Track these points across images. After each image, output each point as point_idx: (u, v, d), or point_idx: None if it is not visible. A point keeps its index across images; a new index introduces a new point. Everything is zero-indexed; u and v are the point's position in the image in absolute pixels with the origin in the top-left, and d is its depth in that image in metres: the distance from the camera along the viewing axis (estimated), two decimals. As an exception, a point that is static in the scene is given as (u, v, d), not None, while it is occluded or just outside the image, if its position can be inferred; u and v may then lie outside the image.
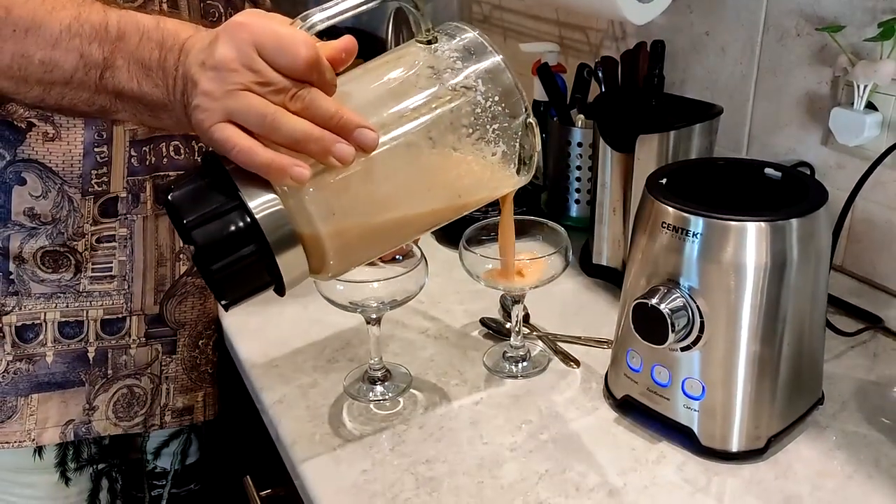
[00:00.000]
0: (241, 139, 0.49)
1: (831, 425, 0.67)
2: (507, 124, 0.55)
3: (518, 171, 0.57)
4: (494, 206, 1.05)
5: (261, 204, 0.50)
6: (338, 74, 0.52)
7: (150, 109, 0.56)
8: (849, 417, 0.68)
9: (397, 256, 0.76)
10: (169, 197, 0.51)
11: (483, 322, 0.83)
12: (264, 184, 0.50)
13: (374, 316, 0.71)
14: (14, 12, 0.55)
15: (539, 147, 0.57)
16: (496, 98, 0.54)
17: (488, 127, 0.54)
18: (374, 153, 0.51)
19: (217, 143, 0.50)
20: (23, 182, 0.74)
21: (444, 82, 0.54)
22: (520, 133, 0.55)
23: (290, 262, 0.51)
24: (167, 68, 0.53)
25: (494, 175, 0.56)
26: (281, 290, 0.53)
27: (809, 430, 0.66)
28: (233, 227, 0.50)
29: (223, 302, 0.52)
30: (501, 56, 0.55)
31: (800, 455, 0.64)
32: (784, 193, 0.65)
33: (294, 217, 0.51)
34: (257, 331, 0.84)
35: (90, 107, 0.57)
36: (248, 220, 0.50)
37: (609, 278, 0.91)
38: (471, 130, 0.54)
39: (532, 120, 0.56)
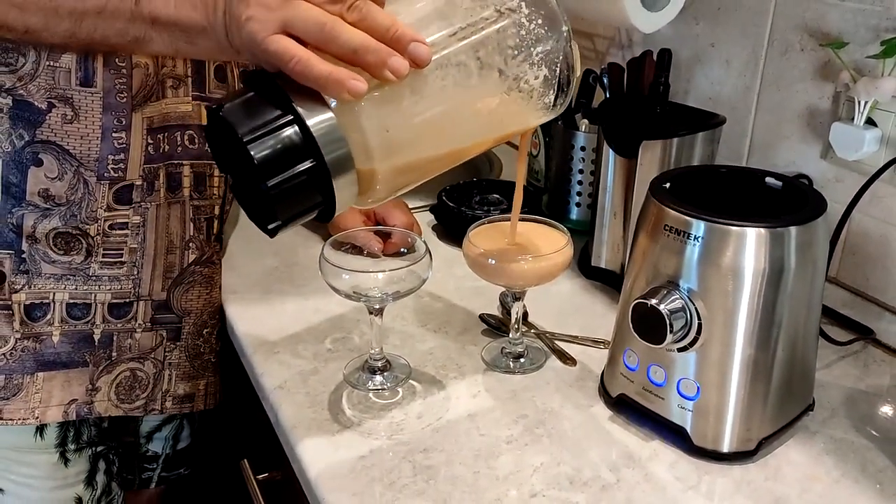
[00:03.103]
0: (300, 50, 0.49)
1: (820, 431, 0.69)
2: (549, 48, 0.55)
3: (555, 101, 0.57)
4: (496, 205, 1.07)
5: (318, 121, 0.49)
6: None
7: (188, 35, 0.55)
8: (837, 424, 0.70)
9: (402, 249, 0.78)
10: (221, 111, 0.49)
11: (482, 318, 0.85)
12: (319, 100, 0.49)
13: (376, 306, 0.72)
14: None
15: (579, 72, 0.58)
16: (539, 21, 0.54)
17: (532, 49, 0.54)
18: (425, 70, 0.51)
19: (273, 55, 0.49)
20: (39, 163, 0.74)
21: (489, 4, 0.54)
22: (561, 58, 0.55)
23: (343, 181, 0.51)
24: None
25: (534, 102, 0.57)
26: (330, 213, 0.53)
27: (799, 434, 0.68)
28: (291, 142, 0.48)
29: (272, 225, 0.50)
30: None
31: (789, 458, 0.65)
32: (784, 202, 0.66)
33: (348, 135, 0.50)
34: (258, 317, 0.85)
35: (123, 37, 0.56)
36: (306, 135, 0.48)
37: (607, 281, 0.93)
38: (516, 52, 0.54)
39: (574, 45, 0.56)
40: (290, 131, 0.48)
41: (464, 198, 1.07)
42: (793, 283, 0.61)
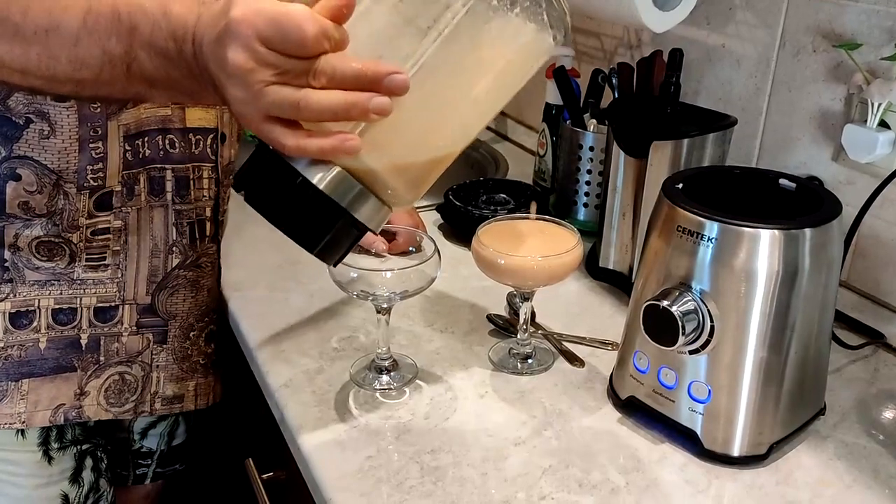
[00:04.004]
0: (287, 138, 0.51)
1: (832, 435, 0.68)
2: (528, 3, 0.54)
3: (555, 39, 0.57)
4: (503, 204, 1.07)
5: (326, 180, 0.53)
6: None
7: (187, 94, 0.56)
8: (849, 429, 0.69)
9: (410, 248, 0.77)
10: (245, 197, 0.55)
11: (490, 318, 0.84)
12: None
13: (384, 305, 0.71)
14: (31, 13, 0.54)
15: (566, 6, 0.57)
16: None
17: (513, 9, 0.54)
18: (411, 79, 0.51)
19: (268, 142, 0.53)
20: (17, 178, 0.73)
21: None
22: (545, 4, 0.55)
23: (368, 212, 0.56)
24: (187, 59, 0.53)
25: (534, 40, 0.56)
26: (372, 232, 0.58)
27: (810, 438, 0.67)
28: (320, 210, 0.54)
29: (331, 264, 0.58)
30: None
31: (800, 463, 0.65)
32: (797, 204, 0.66)
33: (358, 174, 0.54)
34: (263, 315, 0.84)
35: (126, 95, 0.57)
36: (321, 197, 0.53)
37: (615, 282, 0.92)
38: (492, 13, 0.53)
39: None
40: (319, 203, 0.54)
41: (470, 197, 1.07)
42: (807, 285, 0.61)
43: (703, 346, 0.62)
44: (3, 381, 0.78)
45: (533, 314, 0.83)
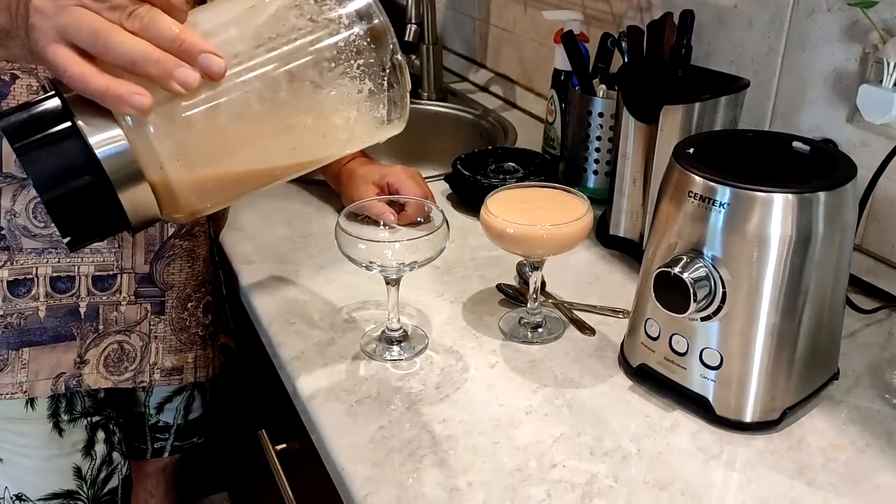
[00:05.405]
0: (74, 64, 0.46)
1: (845, 400, 0.68)
2: (372, 60, 0.52)
3: (389, 116, 0.54)
4: (512, 173, 1.06)
5: (103, 139, 0.46)
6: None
7: None
8: (862, 393, 0.69)
9: (419, 219, 0.77)
10: (2, 122, 0.47)
11: (500, 288, 0.84)
12: (109, 116, 0.47)
13: (394, 276, 0.71)
14: None
15: (409, 87, 0.54)
16: (361, 32, 0.51)
17: (352, 62, 0.51)
18: (225, 85, 0.48)
19: (50, 66, 0.47)
20: None
21: (304, 13, 0.51)
22: (387, 71, 0.52)
23: (136, 200, 0.48)
24: None
25: (362, 117, 0.53)
26: (129, 229, 0.50)
27: (824, 403, 0.67)
28: (67, 157, 0.46)
29: (66, 239, 0.49)
30: None
31: (814, 428, 0.64)
32: (811, 167, 0.64)
33: (139, 154, 0.47)
34: (274, 288, 0.84)
35: None
36: (85, 150, 0.46)
37: (626, 250, 0.91)
38: (333, 64, 0.51)
39: (400, 57, 0.52)
40: (68, 145, 0.46)
41: (479, 166, 1.06)
42: (820, 249, 0.60)
43: (715, 313, 0.61)
44: (3, 350, 0.79)
45: (543, 283, 0.83)
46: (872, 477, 0.60)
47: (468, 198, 1.01)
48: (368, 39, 0.51)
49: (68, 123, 0.46)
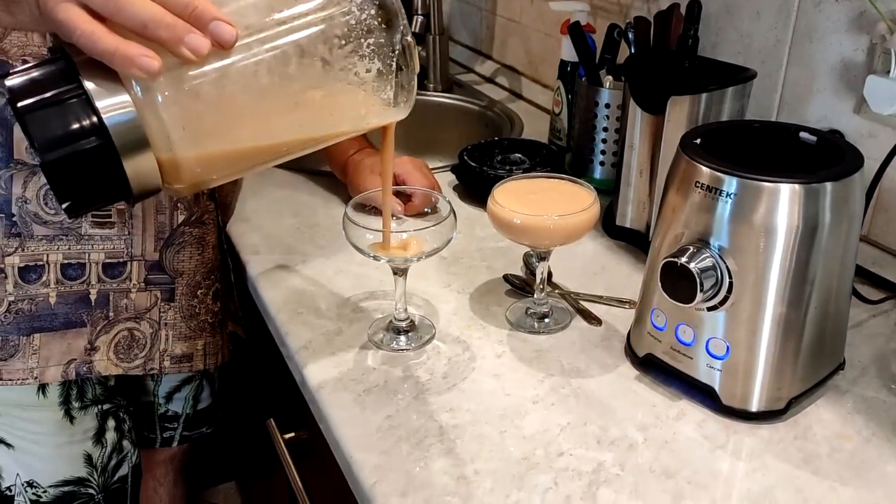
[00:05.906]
0: (85, 22, 0.45)
1: (851, 390, 0.68)
2: (382, 40, 0.52)
3: (395, 98, 0.54)
4: (519, 164, 1.06)
5: (110, 104, 0.46)
6: None
7: (3, 3, 0.53)
8: (868, 383, 0.69)
9: (426, 209, 0.77)
10: (7, 81, 0.46)
11: (506, 279, 0.84)
12: (117, 81, 0.46)
13: (401, 266, 0.71)
14: None
15: (417, 69, 0.54)
16: (372, 11, 0.51)
17: (363, 41, 0.51)
18: (235, 56, 0.48)
19: (60, 25, 0.46)
20: None
21: None
22: (397, 52, 0.52)
23: (139, 168, 0.47)
24: None
25: (369, 98, 0.53)
26: (129, 198, 0.50)
27: (829, 393, 0.67)
28: (72, 117, 0.45)
29: (64, 205, 0.48)
30: None
31: (819, 417, 0.65)
32: (818, 158, 0.64)
33: (146, 121, 0.47)
34: (281, 278, 0.85)
35: None
36: (91, 113, 0.45)
37: (632, 240, 0.91)
38: (343, 42, 0.51)
39: (410, 39, 0.53)
40: (73, 107, 0.45)
41: (485, 157, 1.06)
42: (827, 239, 0.60)
43: (722, 303, 0.62)
44: (14, 336, 0.79)
45: (550, 273, 0.83)
46: (878, 466, 0.60)
47: (475, 189, 1.01)
48: (380, 19, 0.52)
49: (75, 85, 0.46)
